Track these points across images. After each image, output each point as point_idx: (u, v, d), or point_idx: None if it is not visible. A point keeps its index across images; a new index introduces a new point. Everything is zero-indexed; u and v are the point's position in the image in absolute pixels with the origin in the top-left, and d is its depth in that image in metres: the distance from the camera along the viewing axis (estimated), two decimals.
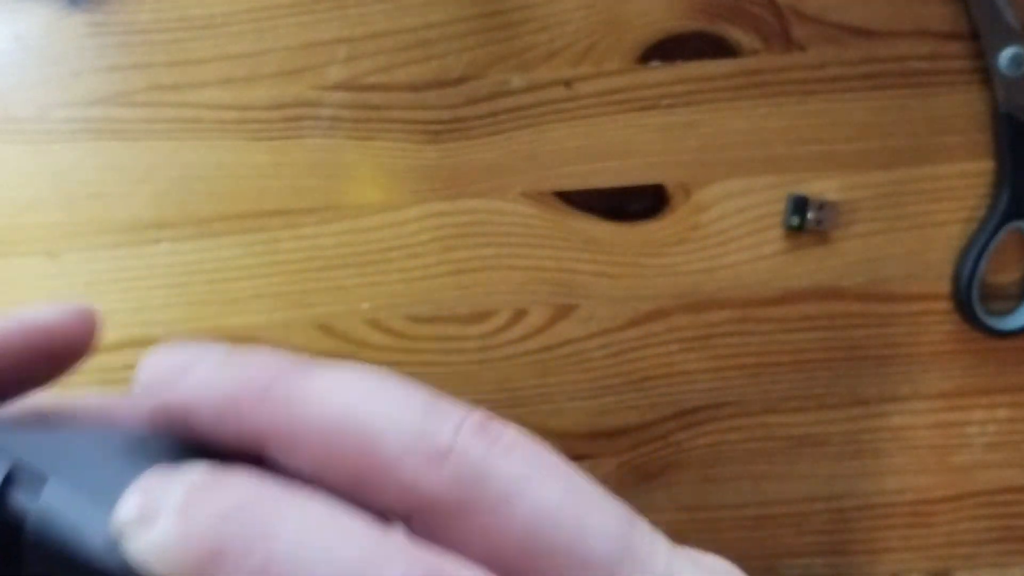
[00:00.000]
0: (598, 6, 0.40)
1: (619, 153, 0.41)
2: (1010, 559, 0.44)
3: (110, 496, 0.14)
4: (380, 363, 0.42)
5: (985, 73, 0.41)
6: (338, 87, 0.40)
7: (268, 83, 0.40)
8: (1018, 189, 0.40)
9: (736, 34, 0.40)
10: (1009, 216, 0.40)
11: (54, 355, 0.20)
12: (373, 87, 0.40)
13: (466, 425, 0.14)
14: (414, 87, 0.40)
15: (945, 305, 0.42)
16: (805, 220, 0.41)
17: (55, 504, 0.14)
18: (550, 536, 0.14)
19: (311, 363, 0.15)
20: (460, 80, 0.40)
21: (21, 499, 0.15)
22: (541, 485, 0.14)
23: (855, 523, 0.43)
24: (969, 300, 0.41)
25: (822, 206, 0.41)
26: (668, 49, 0.40)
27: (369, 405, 0.14)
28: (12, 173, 0.40)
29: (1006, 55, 0.40)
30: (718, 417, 0.42)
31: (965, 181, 0.41)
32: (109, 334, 0.41)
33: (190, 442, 0.16)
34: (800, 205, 0.41)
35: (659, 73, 0.40)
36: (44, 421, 0.19)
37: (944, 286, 0.42)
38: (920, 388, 0.43)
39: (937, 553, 0.44)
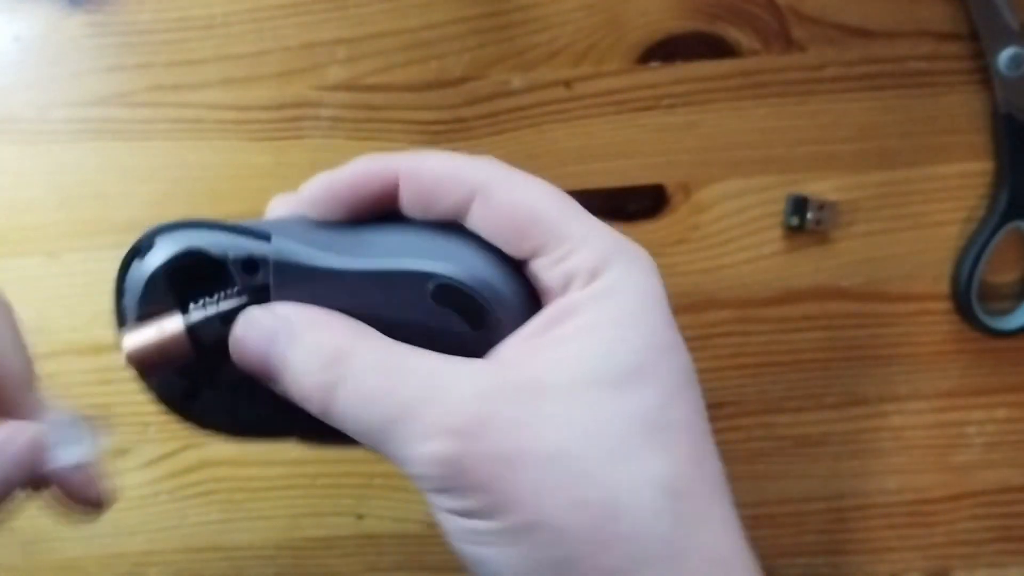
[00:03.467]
0: (598, 7, 0.40)
1: (619, 153, 0.41)
2: (1008, 559, 0.44)
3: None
4: None
5: (984, 73, 0.41)
6: (338, 87, 0.40)
7: (268, 83, 0.40)
8: (1017, 189, 0.40)
9: (736, 35, 0.40)
10: (1008, 216, 0.41)
11: None
12: (373, 87, 0.40)
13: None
14: (414, 87, 0.40)
15: (944, 305, 0.42)
16: (805, 220, 0.41)
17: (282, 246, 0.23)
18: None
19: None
20: (460, 80, 0.40)
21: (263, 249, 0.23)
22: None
23: (854, 522, 0.44)
24: (968, 300, 0.41)
25: (822, 206, 0.41)
26: (668, 50, 0.40)
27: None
28: (12, 173, 0.40)
29: (1005, 55, 0.40)
30: (718, 417, 0.43)
31: (964, 181, 0.41)
32: (110, 334, 0.41)
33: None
34: (800, 205, 0.41)
35: (659, 73, 0.40)
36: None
37: (943, 286, 0.42)
38: (919, 388, 0.43)
39: (936, 552, 0.44)
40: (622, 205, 0.41)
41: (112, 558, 0.43)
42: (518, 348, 0.22)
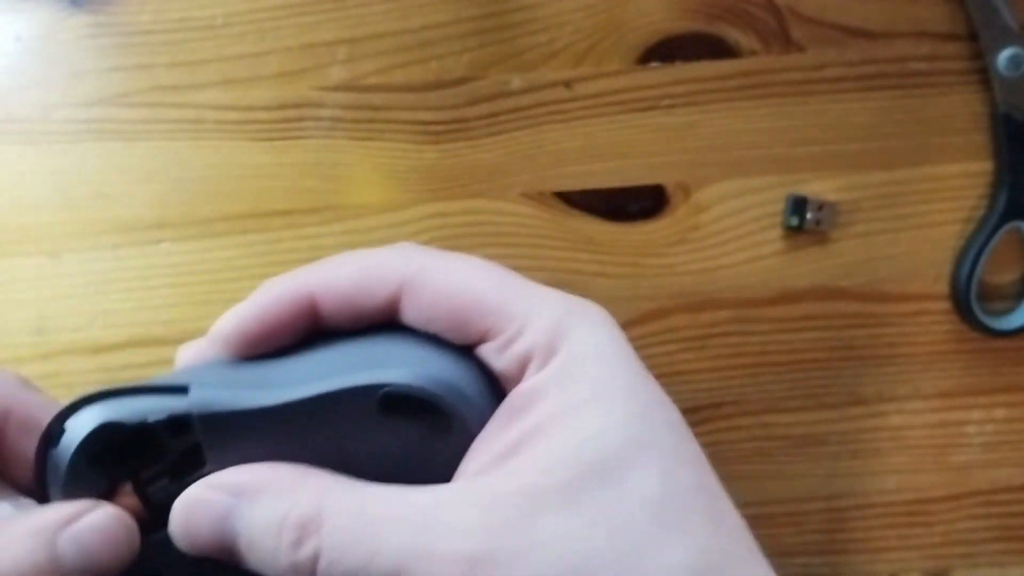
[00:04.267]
0: (598, 7, 0.40)
1: (619, 154, 0.41)
2: (1008, 558, 0.44)
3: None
4: None
5: (983, 74, 0.41)
6: (339, 88, 0.40)
7: (269, 84, 0.40)
8: (1016, 189, 0.40)
9: (735, 35, 0.40)
10: (1007, 216, 0.41)
11: None
12: (374, 88, 0.40)
13: None
14: (414, 88, 0.40)
15: (943, 305, 0.42)
16: (804, 220, 0.41)
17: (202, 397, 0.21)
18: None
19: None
20: (460, 81, 0.40)
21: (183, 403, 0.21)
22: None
23: (854, 522, 0.44)
24: (967, 300, 0.41)
25: (821, 206, 0.41)
26: (667, 50, 0.40)
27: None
28: (13, 173, 0.40)
29: (1004, 56, 0.40)
30: (717, 416, 0.43)
31: (964, 181, 0.42)
32: (110, 334, 0.41)
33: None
34: (799, 205, 0.41)
35: (659, 74, 0.40)
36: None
37: (942, 286, 0.42)
38: (919, 388, 0.43)
39: (935, 552, 0.44)
40: (622, 205, 0.41)
41: None
42: (492, 456, 0.20)
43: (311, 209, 0.41)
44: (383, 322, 0.22)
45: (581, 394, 0.20)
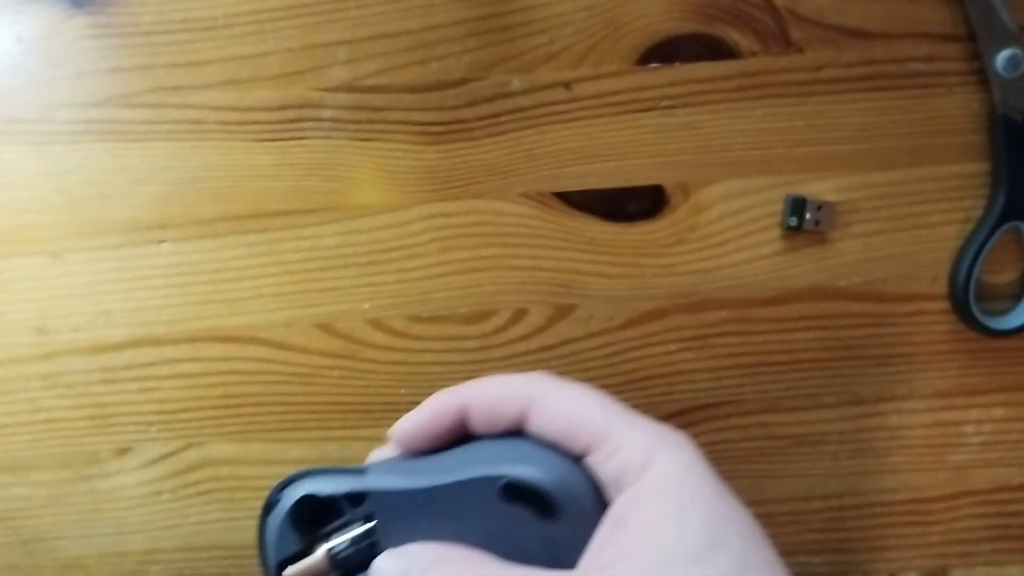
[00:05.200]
0: (597, 8, 0.40)
1: (618, 154, 0.41)
2: (1006, 557, 0.44)
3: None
4: (381, 362, 0.42)
5: (982, 74, 0.41)
6: (339, 89, 0.40)
7: (270, 85, 0.40)
8: (1014, 190, 0.41)
9: (734, 36, 0.40)
10: (1005, 217, 0.41)
11: None
12: (374, 89, 0.40)
13: None
14: (415, 89, 0.40)
15: (942, 305, 0.42)
16: (803, 220, 0.41)
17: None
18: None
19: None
20: (460, 82, 0.40)
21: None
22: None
23: (853, 521, 0.44)
24: (966, 300, 0.41)
25: (820, 207, 0.41)
26: (667, 51, 0.40)
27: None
28: (15, 174, 0.40)
29: (1003, 56, 0.40)
30: (716, 416, 0.43)
31: (962, 182, 0.42)
32: (111, 334, 0.41)
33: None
34: (798, 206, 0.41)
35: (658, 75, 0.40)
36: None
37: (941, 286, 0.42)
38: (917, 387, 0.43)
39: (934, 551, 0.44)
40: (621, 205, 0.41)
41: (114, 557, 0.43)
42: (603, 553, 0.25)
43: (312, 209, 0.41)
44: (515, 431, 0.28)
45: (670, 501, 0.25)
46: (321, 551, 0.29)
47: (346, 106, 0.40)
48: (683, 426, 0.42)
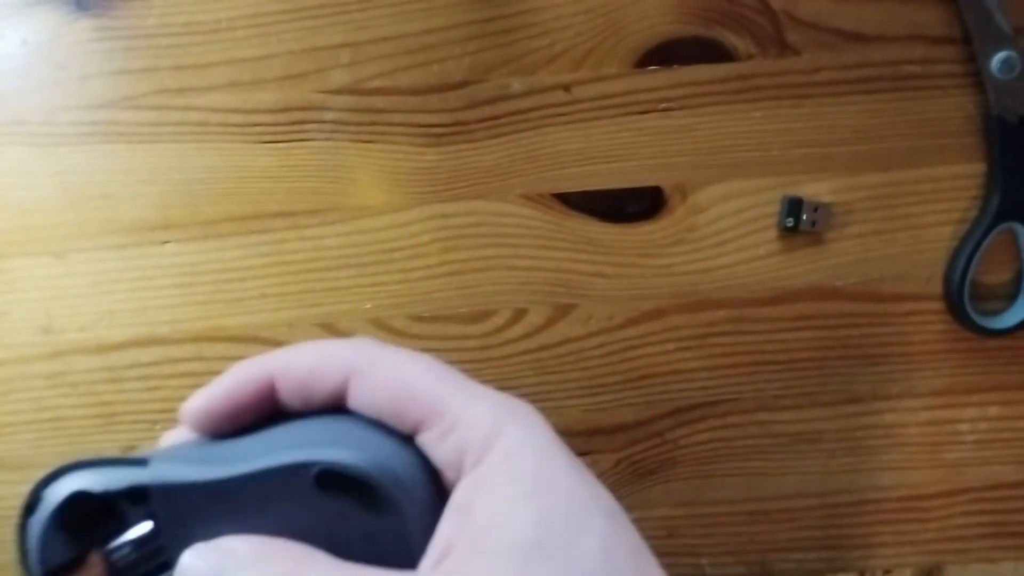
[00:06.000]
0: (597, 11, 0.40)
1: (617, 156, 0.41)
2: (1000, 554, 0.45)
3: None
4: None
5: (977, 76, 0.41)
6: (341, 91, 0.40)
7: (273, 87, 0.40)
8: (1009, 191, 0.41)
9: (732, 39, 0.41)
10: (1000, 217, 0.41)
11: None
12: (376, 91, 0.40)
13: None
14: (416, 91, 0.41)
15: (937, 305, 0.43)
16: (800, 221, 0.41)
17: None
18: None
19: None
20: (461, 84, 0.41)
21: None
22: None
23: (848, 518, 0.44)
24: (961, 300, 0.41)
25: (817, 208, 0.41)
26: (665, 54, 0.41)
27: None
28: (20, 175, 0.41)
29: (998, 58, 0.40)
30: (714, 415, 0.43)
31: (957, 183, 0.42)
32: (115, 333, 0.42)
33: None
34: (795, 207, 0.41)
35: (656, 77, 0.41)
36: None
37: (936, 286, 0.42)
38: (912, 386, 0.43)
39: (929, 548, 0.44)
40: (620, 207, 0.42)
41: None
42: (449, 547, 0.21)
43: (314, 211, 0.41)
44: (334, 406, 0.24)
45: (520, 489, 0.21)
46: (96, 559, 0.24)
47: (348, 108, 0.40)
48: (681, 424, 0.43)
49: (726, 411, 0.43)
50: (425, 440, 0.23)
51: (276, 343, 0.42)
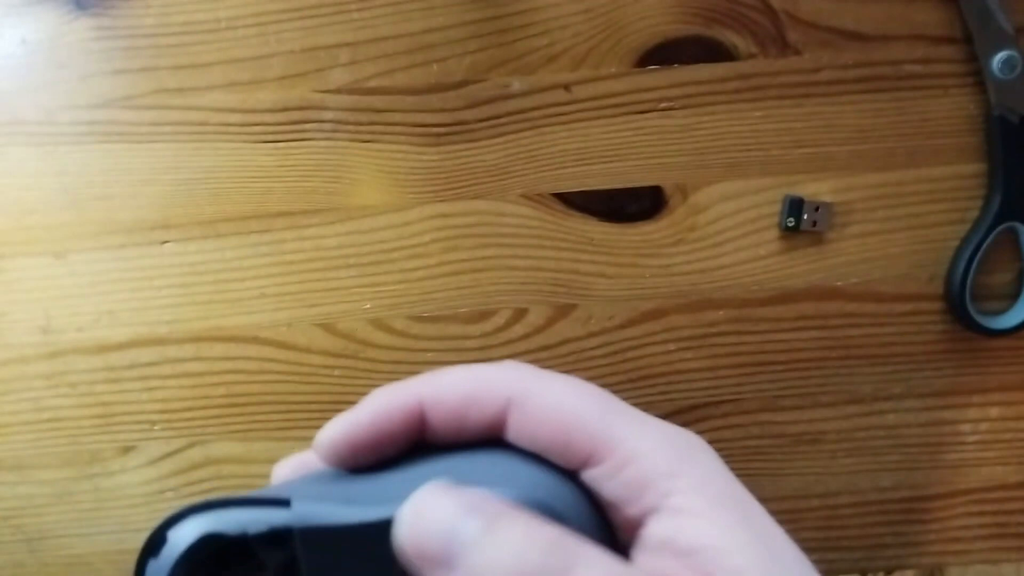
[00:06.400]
0: (597, 11, 0.40)
1: (617, 155, 0.41)
2: (1002, 555, 0.44)
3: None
4: (382, 362, 0.42)
5: (978, 76, 0.41)
6: (341, 90, 0.40)
7: (272, 87, 0.40)
8: (1010, 191, 0.41)
9: (732, 38, 0.41)
10: (1001, 217, 0.41)
11: None
12: (375, 91, 0.40)
13: None
14: (416, 90, 0.40)
15: (938, 305, 0.43)
16: (801, 221, 0.41)
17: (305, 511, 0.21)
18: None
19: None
20: (461, 84, 0.40)
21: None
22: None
23: (850, 519, 0.44)
24: (962, 300, 0.41)
25: (817, 207, 0.41)
26: (666, 53, 0.41)
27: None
28: (19, 175, 0.41)
29: (999, 58, 0.40)
30: (715, 415, 0.43)
31: (958, 183, 0.42)
32: (115, 333, 0.42)
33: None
34: (796, 206, 0.41)
35: (657, 77, 0.41)
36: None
37: (937, 286, 0.42)
38: (914, 387, 0.43)
39: (930, 549, 0.44)
40: (620, 206, 0.41)
41: (118, 555, 0.43)
42: None
43: (313, 210, 0.41)
44: (487, 439, 0.22)
45: (734, 515, 0.20)
46: None
47: (348, 108, 0.40)
48: (682, 425, 0.43)
49: (727, 412, 0.43)
50: (594, 476, 0.21)
51: (276, 343, 0.42)
